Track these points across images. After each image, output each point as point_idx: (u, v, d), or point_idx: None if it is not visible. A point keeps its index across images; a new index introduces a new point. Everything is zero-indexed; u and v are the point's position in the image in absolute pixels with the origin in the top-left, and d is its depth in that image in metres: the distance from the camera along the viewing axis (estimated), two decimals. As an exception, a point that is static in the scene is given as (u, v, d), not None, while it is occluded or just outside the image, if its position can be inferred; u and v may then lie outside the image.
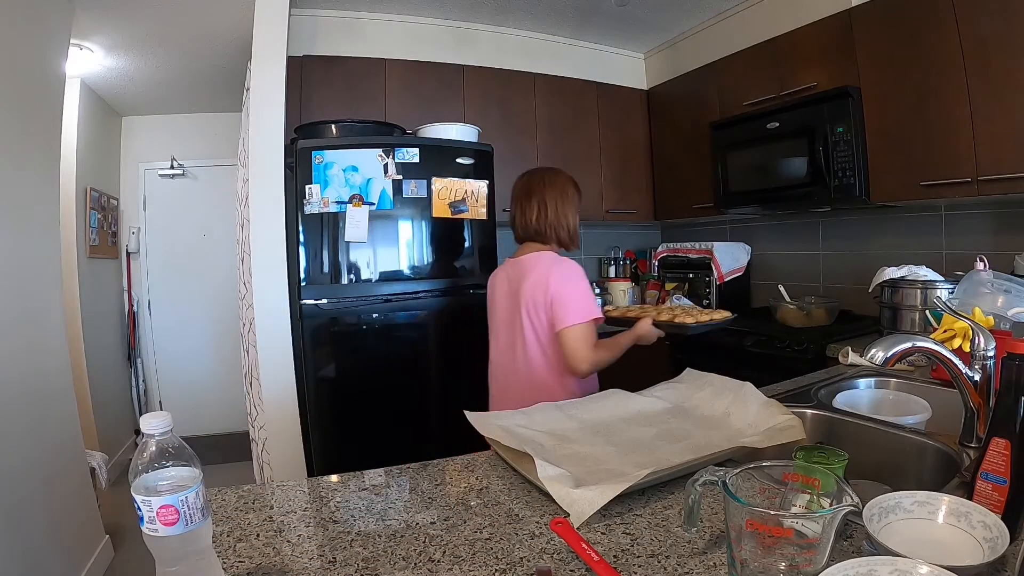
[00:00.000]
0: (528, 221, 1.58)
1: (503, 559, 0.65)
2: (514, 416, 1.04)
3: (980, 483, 0.68)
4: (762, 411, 1.02)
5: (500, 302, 1.63)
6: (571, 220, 1.59)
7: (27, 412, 1.76)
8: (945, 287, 1.77)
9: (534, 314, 1.51)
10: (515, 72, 2.93)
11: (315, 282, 2.09)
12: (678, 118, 3.09)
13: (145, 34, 2.63)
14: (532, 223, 1.57)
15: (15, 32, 1.75)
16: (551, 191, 1.57)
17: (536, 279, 1.50)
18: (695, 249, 2.99)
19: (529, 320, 1.52)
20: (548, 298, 1.47)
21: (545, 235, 1.57)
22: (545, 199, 1.56)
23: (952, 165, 1.86)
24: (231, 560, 0.66)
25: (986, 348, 0.93)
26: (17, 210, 1.80)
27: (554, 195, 1.57)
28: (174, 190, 3.88)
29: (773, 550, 0.54)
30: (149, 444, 0.54)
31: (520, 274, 1.55)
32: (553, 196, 1.57)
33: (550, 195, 1.57)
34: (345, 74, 2.60)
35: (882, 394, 1.29)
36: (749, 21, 2.69)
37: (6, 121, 1.72)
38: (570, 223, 1.59)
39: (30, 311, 1.85)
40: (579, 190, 1.64)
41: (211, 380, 3.90)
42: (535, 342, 1.52)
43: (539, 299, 1.49)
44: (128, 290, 3.82)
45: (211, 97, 3.53)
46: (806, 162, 2.26)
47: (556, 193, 1.57)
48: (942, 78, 1.87)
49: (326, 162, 2.09)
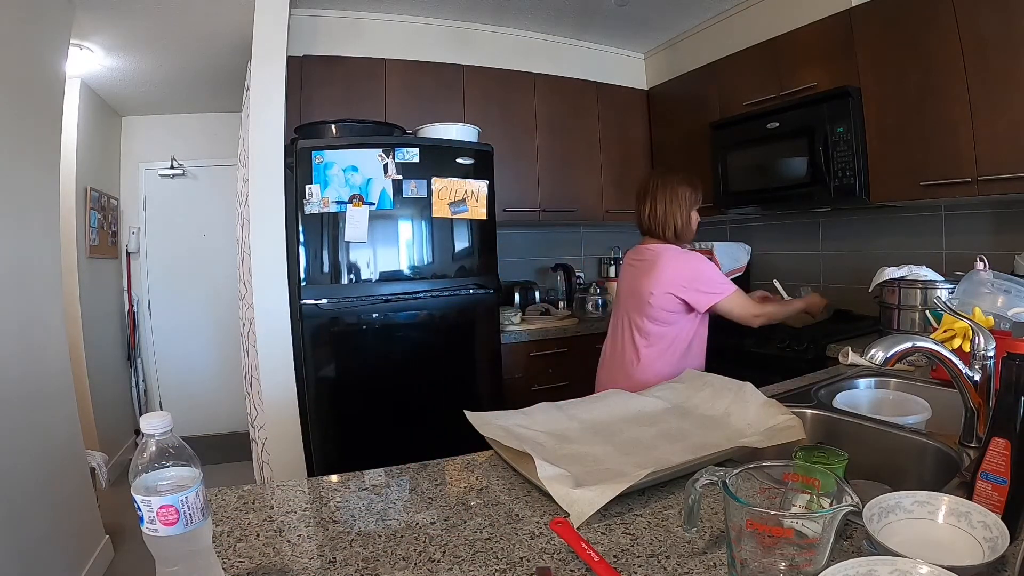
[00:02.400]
0: (642, 218, 1.80)
1: (503, 559, 0.65)
2: (514, 416, 1.04)
3: (980, 483, 0.68)
4: (762, 411, 1.02)
5: (621, 284, 1.91)
6: (680, 217, 1.76)
7: (27, 412, 1.76)
8: (945, 287, 1.77)
9: (649, 299, 1.70)
10: (515, 72, 2.93)
11: (315, 282, 2.09)
12: (678, 118, 3.09)
13: (145, 34, 2.63)
14: (646, 220, 1.79)
15: (15, 32, 1.75)
16: (662, 191, 1.75)
17: (660, 266, 1.71)
18: (695, 249, 2.98)
19: (637, 302, 1.74)
20: (679, 284, 1.67)
21: (655, 231, 1.78)
22: (656, 198, 1.76)
23: (952, 165, 1.86)
24: (231, 560, 0.66)
25: (986, 348, 0.93)
26: (17, 210, 1.80)
27: (664, 195, 1.75)
28: (174, 190, 3.88)
29: (773, 550, 0.54)
30: (149, 444, 0.54)
31: (643, 259, 1.79)
32: (663, 196, 1.75)
33: (660, 195, 1.75)
34: (345, 74, 2.60)
35: (882, 394, 1.29)
36: (749, 21, 2.69)
37: (6, 121, 1.72)
38: (678, 221, 1.76)
39: (30, 311, 1.84)
40: (696, 188, 1.78)
41: (211, 380, 3.90)
42: (631, 326, 1.77)
43: (664, 285, 1.68)
44: (128, 290, 3.82)
45: (211, 97, 3.53)
46: (806, 162, 2.26)
47: (667, 193, 1.75)
48: (942, 78, 1.87)
49: (326, 162, 2.09)
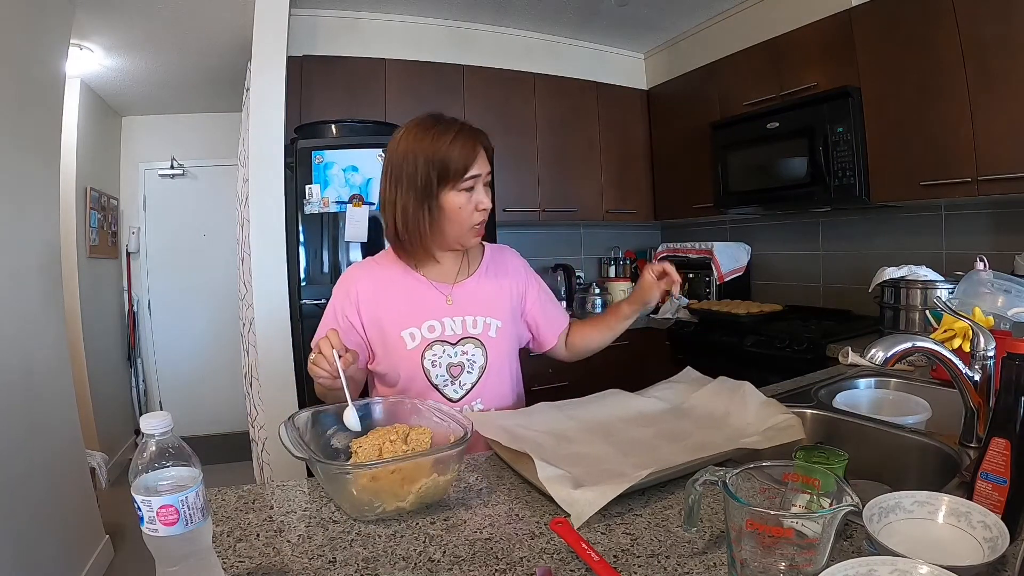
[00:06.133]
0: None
1: (503, 559, 0.65)
2: (514, 416, 1.04)
3: (980, 483, 0.68)
4: (762, 411, 1.02)
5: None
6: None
7: (27, 412, 1.76)
8: (945, 287, 1.77)
9: None
10: (515, 72, 2.93)
11: (315, 282, 2.09)
12: (678, 118, 3.09)
13: (145, 34, 2.63)
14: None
15: (15, 32, 1.75)
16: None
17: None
18: (695, 249, 2.99)
19: None
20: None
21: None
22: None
23: (952, 165, 1.86)
24: (231, 560, 0.66)
25: (986, 348, 0.93)
26: (17, 210, 1.80)
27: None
28: (174, 190, 3.88)
29: (773, 550, 0.54)
30: (149, 444, 0.54)
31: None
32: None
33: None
34: (345, 74, 2.60)
35: (882, 394, 1.29)
36: (749, 21, 2.69)
37: (6, 121, 1.72)
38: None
39: (30, 311, 1.84)
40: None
41: (211, 380, 3.90)
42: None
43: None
44: (128, 290, 3.82)
45: (211, 97, 3.53)
46: (806, 162, 2.26)
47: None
48: (942, 78, 1.87)
49: (326, 162, 2.09)
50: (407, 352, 1.11)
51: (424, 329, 1.11)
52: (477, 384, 1.15)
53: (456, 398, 1.14)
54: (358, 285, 1.14)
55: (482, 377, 1.16)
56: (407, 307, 1.13)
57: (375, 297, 1.13)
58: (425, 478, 0.76)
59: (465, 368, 1.14)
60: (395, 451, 0.82)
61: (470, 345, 1.14)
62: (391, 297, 1.13)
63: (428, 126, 1.07)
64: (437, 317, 1.13)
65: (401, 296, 1.14)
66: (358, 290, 1.13)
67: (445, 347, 1.12)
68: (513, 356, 1.23)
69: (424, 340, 1.11)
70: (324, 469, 0.76)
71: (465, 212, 1.07)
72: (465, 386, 1.15)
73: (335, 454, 0.88)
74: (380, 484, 0.74)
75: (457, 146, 1.04)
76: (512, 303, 1.22)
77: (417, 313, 1.12)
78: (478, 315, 1.15)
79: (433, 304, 1.14)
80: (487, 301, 1.17)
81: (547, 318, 1.29)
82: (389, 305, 1.13)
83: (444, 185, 1.05)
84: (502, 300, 1.20)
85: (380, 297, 1.13)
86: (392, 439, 0.84)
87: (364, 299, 1.13)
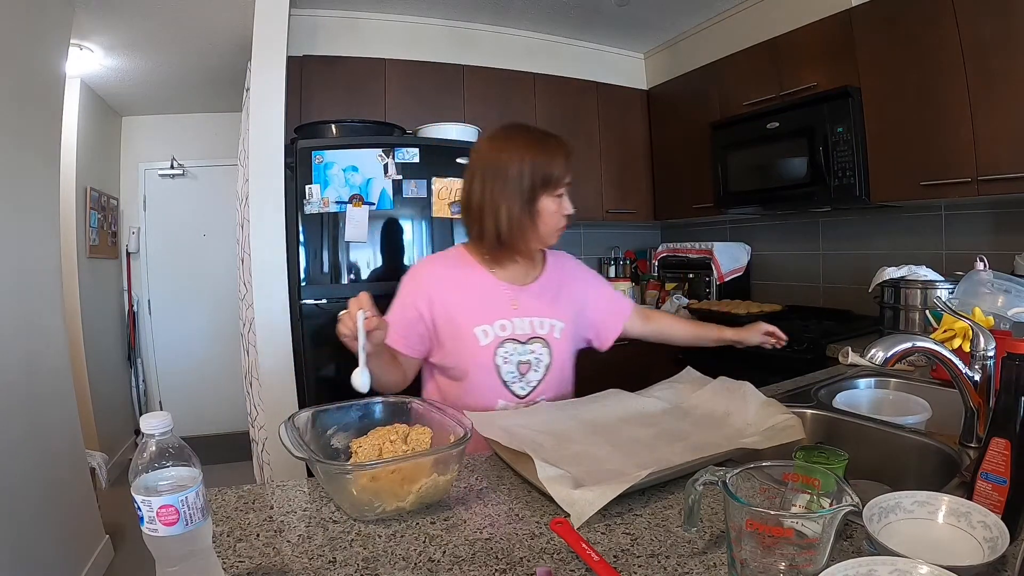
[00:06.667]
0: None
1: (503, 559, 0.65)
2: (514, 416, 1.04)
3: (980, 483, 0.68)
4: (762, 411, 1.02)
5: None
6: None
7: (27, 412, 1.76)
8: (945, 287, 1.77)
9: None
10: (515, 72, 2.93)
11: (315, 282, 2.09)
12: (678, 118, 3.09)
13: (145, 34, 2.63)
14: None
15: (15, 32, 1.75)
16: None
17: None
18: (695, 249, 2.99)
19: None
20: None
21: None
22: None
23: (952, 165, 1.86)
24: (231, 560, 0.66)
25: (986, 348, 0.93)
26: (17, 210, 1.80)
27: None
28: (174, 190, 3.88)
29: (773, 550, 0.54)
30: (149, 444, 0.54)
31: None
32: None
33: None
34: (345, 74, 2.60)
35: (882, 394, 1.29)
36: (749, 21, 2.69)
37: (6, 121, 1.72)
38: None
39: (30, 311, 1.84)
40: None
41: (211, 380, 3.90)
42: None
43: None
44: (128, 290, 3.82)
45: (211, 97, 3.53)
46: (806, 162, 2.26)
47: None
48: (942, 78, 1.87)
49: (326, 162, 2.09)
50: (480, 348, 1.15)
51: (496, 327, 1.16)
52: (542, 382, 1.20)
53: (523, 395, 1.18)
54: (432, 279, 1.19)
55: (546, 375, 1.21)
56: (480, 305, 1.17)
57: (449, 293, 1.17)
58: (425, 478, 0.76)
59: (532, 366, 1.19)
60: (395, 451, 0.82)
61: (538, 344, 1.19)
62: (464, 294, 1.18)
63: (531, 135, 1.16)
64: (507, 317, 1.18)
65: (475, 294, 1.18)
66: (431, 284, 1.18)
67: (516, 345, 1.17)
68: (572, 357, 1.29)
69: (497, 338, 1.16)
70: (324, 469, 0.76)
71: (556, 216, 1.16)
72: (531, 383, 1.19)
73: (335, 454, 0.88)
74: (380, 484, 0.74)
75: (559, 157, 1.14)
76: (575, 307, 1.28)
77: (489, 311, 1.17)
78: (544, 317, 1.21)
79: (503, 304, 1.19)
80: (551, 303, 1.23)
81: (610, 309, 1.37)
82: (462, 302, 1.17)
83: (544, 191, 1.13)
84: (565, 303, 1.25)
85: (454, 293, 1.18)
86: (392, 439, 0.84)
87: (437, 294, 1.17)
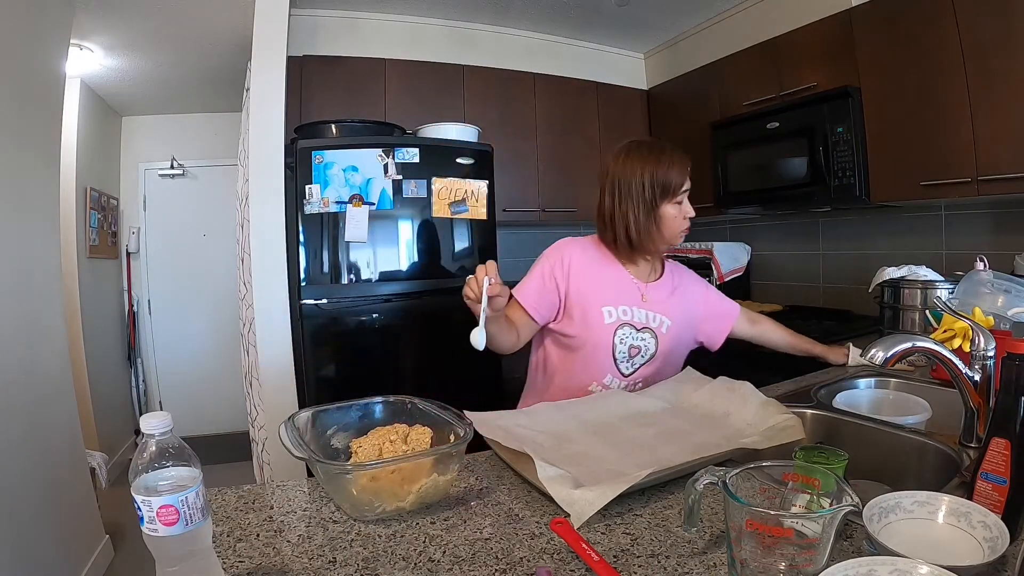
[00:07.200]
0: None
1: (503, 559, 0.65)
2: (514, 416, 1.04)
3: (980, 483, 0.68)
4: (762, 411, 1.02)
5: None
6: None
7: (27, 412, 1.76)
8: (945, 287, 1.77)
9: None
10: (515, 72, 2.93)
11: (315, 282, 2.09)
12: (678, 118, 3.09)
13: (145, 34, 2.63)
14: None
15: (15, 32, 1.75)
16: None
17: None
18: (695, 249, 2.98)
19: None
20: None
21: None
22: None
23: (952, 165, 1.86)
24: (231, 560, 0.66)
25: (986, 348, 0.93)
26: (17, 210, 1.80)
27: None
28: (174, 190, 3.88)
29: (773, 550, 0.54)
30: (149, 444, 0.54)
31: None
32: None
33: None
34: (345, 74, 2.60)
35: (882, 394, 1.29)
36: (749, 21, 2.69)
37: (6, 121, 1.72)
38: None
39: (30, 311, 1.84)
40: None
41: (211, 380, 3.90)
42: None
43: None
44: (128, 290, 3.82)
45: (211, 97, 3.53)
46: (806, 162, 2.26)
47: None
48: (942, 78, 1.87)
49: (326, 162, 2.09)
50: (604, 325, 1.28)
51: (619, 311, 1.30)
52: (644, 366, 1.33)
53: (627, 373, 1.32)
54: (573, 256, 1.32)
55: (648, 361, 1.33)
56: (611, 289, 1.31)
57: (586, 271, 1.31)
58: (425, 478, 0.76)
59: (641, 351, 1.32)
60: (395, 451, 0.82)
61: (648, 334, 1.32)
62: (599, 276, 1.32)
63: (650, 150, 1.29)
64: (629, 305, 1.31)
65: (609, 278, 1.32)
66: (572, 260, 1.31)
67: (631, 330, 1.30)
68: (674, 352, 1.39)
69: (619, 320, 1.29)
70: (324, 469, 0.76)
71: (678, 220, 1.30)
72: (635, 365, 1.32)
73: (335, 454, 0.88)
74: (380, 484, 0.74)
75: (675, 167, 1.27)
76: (685, 309, 1.39)
77: (617, 296, 1.31)
78: (658, 312, 1.34)
79: (629, 294, 1.32)
80: (665, 302, 1.36)
81: (719, 312, 1.50)
82: (596, 282, 1.31)
83: (664, 199, 1.26)
84: (676, 304, 1.37)
85: (590, 273, 1.31)
86: (392, 439, 0.84)
87: (575, 270, 1.30)
